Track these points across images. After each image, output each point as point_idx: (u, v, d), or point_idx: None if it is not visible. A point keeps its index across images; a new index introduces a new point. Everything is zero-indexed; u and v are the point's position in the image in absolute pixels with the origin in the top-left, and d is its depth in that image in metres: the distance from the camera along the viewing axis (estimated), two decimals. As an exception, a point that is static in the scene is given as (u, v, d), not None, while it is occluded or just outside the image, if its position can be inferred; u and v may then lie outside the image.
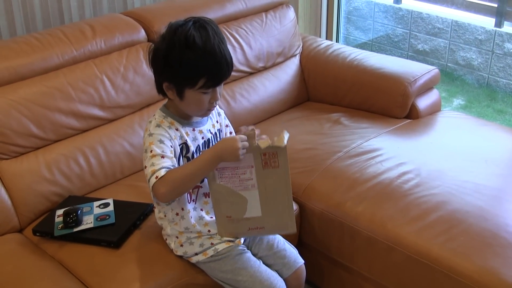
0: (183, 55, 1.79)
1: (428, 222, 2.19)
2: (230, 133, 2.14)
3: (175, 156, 1.90)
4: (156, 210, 2.09)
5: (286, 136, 1.84)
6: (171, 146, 1.88)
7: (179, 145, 1.92)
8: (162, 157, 1.84)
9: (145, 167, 1.85)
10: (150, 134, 1.88)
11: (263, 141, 1.83)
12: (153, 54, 1.89)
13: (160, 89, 1.92)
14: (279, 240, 2.17)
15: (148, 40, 2.79)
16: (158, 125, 1.90)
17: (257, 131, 1.85)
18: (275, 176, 1.89)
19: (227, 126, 2.14)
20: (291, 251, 2.17)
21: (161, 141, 1.86)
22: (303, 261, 2.19)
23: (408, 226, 2.20)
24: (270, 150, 1.84)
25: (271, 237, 2.15)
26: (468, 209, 2.22)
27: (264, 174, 1.89)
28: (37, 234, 2.21)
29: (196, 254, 2.04)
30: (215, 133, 2.06)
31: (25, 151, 2.37)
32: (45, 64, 2.45)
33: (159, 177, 1.80)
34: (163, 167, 1.82)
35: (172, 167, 1.85)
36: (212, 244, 2.03)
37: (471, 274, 1.99)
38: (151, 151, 1.84)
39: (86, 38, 2.58)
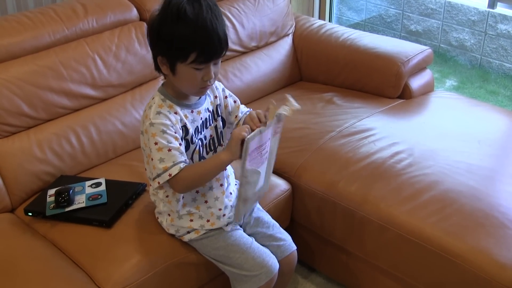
0: (174, 27, 1.76)
1: (420, 202, 2.19)
2: (235, 102, 2.08)
3: None
4: (150, 188, 2.09)
5: (292, 100, 1.83)
6: (175, 133, 1.86)
7: (180, 128, 1.89)
8: (169, 150, 1.82)
9: (152, 159, 1.84)
10: (152, 124, 1.84)
11: (285, 108, 1.81)
12: (149, 27, 1.87)
13: (157, 65, 1.89)
14: (274, 224, 2.18)
15: (140, 19, 2.76)
16: (158, 112, 1.86)
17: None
18: (274, 142, 1.91)
19: (226, 97, 2.07)
20: (286, 235, 2.18)
21: (163, 131, 1.83)
22: (295, 247, 2.19)
23: (400, 206, 2.20)
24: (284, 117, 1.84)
25: (266, 220, 2.17)
26: (460, 189, 2.22)
27: (272, 142, 1.90)
28: (29, 213, 2.21)
29: (188, 232, 2.04)
30: (213, 110, 2.02)
31: (17, 130, 2.36)
32: (37, 43, 2.43)
33: (172, 175, 1.81)
34: (175, 164, 1.82)
35: (183, 163, 1.84)
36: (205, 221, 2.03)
37: (463, 254, 2.00)
38: (155, 143, 1.83)
39: (78, 17, 2.56)
